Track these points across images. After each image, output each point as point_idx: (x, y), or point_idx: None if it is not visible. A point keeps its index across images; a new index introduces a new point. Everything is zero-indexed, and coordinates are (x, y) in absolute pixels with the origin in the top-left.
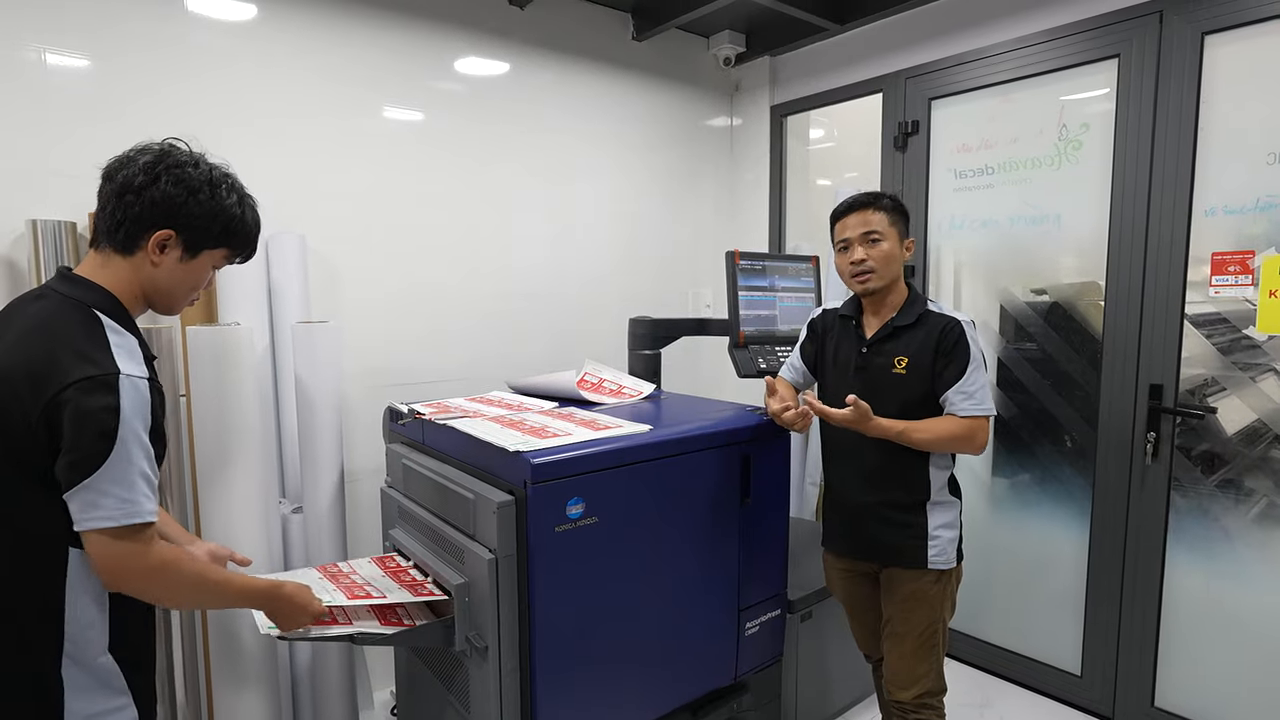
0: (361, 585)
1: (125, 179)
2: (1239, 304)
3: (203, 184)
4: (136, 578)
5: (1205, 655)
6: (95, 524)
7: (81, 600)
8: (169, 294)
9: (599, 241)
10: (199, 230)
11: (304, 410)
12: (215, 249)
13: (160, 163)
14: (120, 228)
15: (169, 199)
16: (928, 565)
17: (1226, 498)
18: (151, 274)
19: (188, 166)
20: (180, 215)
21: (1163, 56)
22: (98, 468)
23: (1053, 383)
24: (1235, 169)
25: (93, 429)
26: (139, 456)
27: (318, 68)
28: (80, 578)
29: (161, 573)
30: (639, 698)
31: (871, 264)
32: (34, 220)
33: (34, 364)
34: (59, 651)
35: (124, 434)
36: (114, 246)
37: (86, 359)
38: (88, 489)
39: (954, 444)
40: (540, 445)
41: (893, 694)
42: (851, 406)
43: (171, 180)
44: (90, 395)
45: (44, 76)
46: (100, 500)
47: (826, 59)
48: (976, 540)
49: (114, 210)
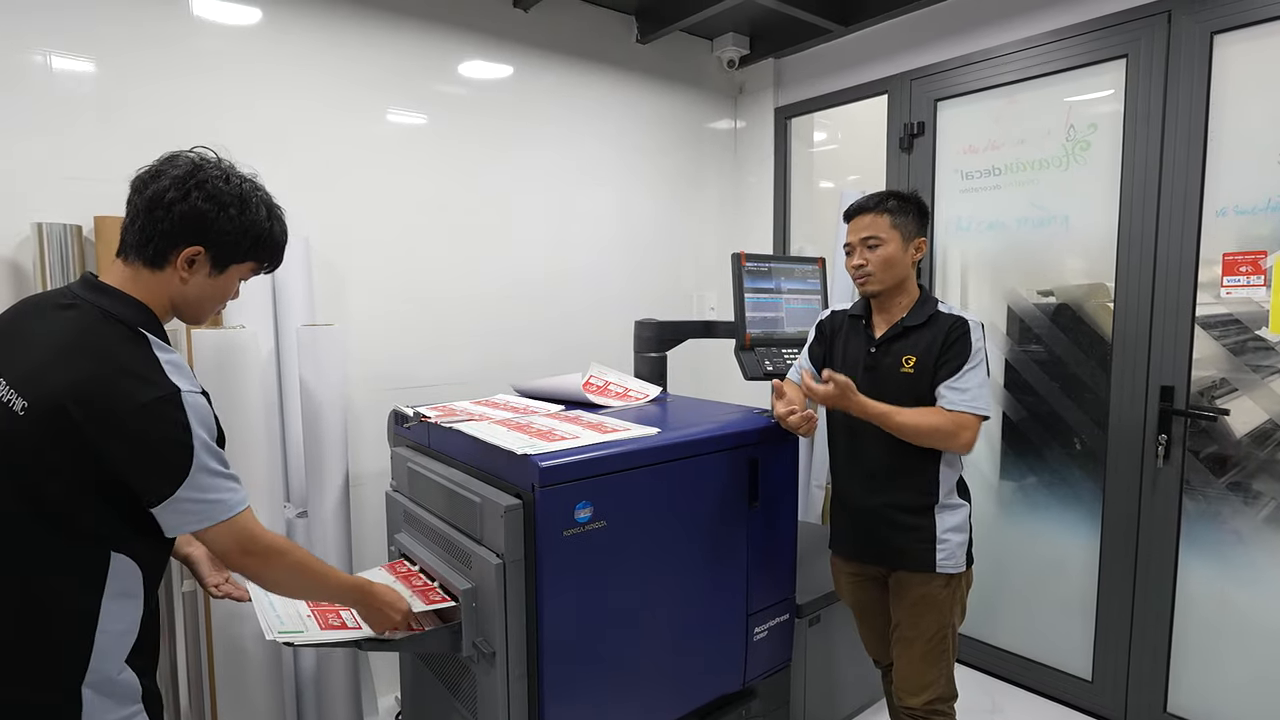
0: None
1: (155, 193)
2: (1250, 305)
3: (233, 199)
4: (244, 556)
5: (1218, 660)
6: (191, 528)
7: (117, 605)
8: (197, 307)
9: (603, 244)
10: (228, 246)
11: (309, 414)
12: (244, 263)
13: (192, 178)
14: (150, 243)
15: (200, 215)
16: (936, 569)
17: (1236, 500)
18: (181, 290)
19: (218, 181)
20: (210, 232)
21: (1171, 56)
22: (181, 482)
23: (1061, 385)
24: (1246, 169)
25: (169, 448)
26: (215, 462)
27: (322, 71)
28: (119, 581)
29: (279, 556)
30: (647, 704)
31: (870, 269)
32: (40, 223)
33: (87, 388)
34: (85, 668)
35: (198, 446)
36: (143, 260)
37: (146, 381)
38: (174, 502)
39: (937, 436)
40: (548, 448)
41: (902, 700)
42: (830, 382)
43: (203, 196)
44: (161, 417)
45: (50, 80)
46: (186, 508)
47: (831, 61)
48: (985, 544)
49: (144, 225)
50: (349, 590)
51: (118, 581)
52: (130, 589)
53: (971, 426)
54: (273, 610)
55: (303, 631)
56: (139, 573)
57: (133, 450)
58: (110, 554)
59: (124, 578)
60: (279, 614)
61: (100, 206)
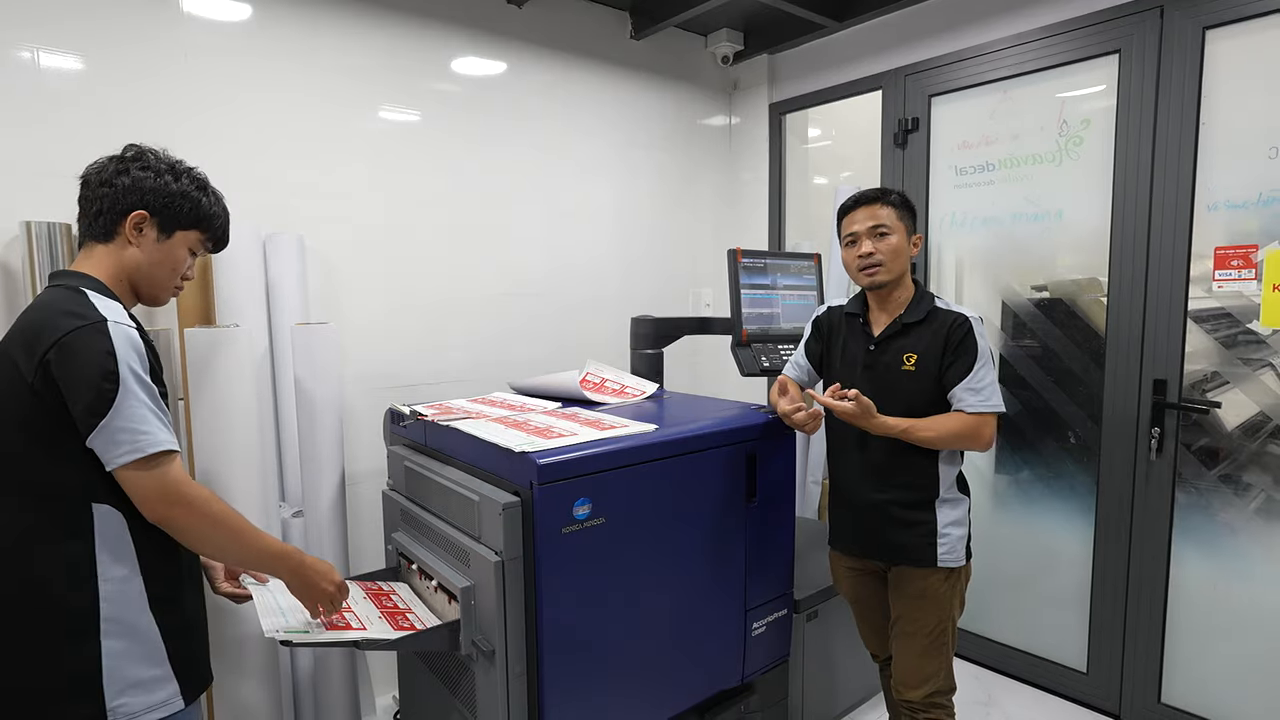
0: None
1: (99, 177)
2: (1241, 299)
3: (167, 168)
4: (167, 506)
5: (1212, 650)
6: (120, 460)
7: (111, 555)
8: (150, 276)
9: (598, 241)
10: (170, 210)
11: (304, 413)
12: (188, 230)
13: (125, 155)
14: (99, 217)
15: (138, 182)
16: (937, 563)
17: (1228, 491)
18: (133, 255)
19: (149, 156)
20: (150, 195)
21: (1164, 51)
22: (109, 406)
23: (1055, 379)
24: (1237, 163)
25: (95, 372)
26: (143, 393)
27: (314, 68)
28: (108, 534)
29: (193, 503)
30: (646, 700)
31: (879, 257)
32: (28, 222)
33: (27, 332)
34: (96, 615)
35: (124, 373)
36: (94, 237)
37: (74, 314)
38: (105, 429)
39: (960, 441)
40: (546, 445)
41: (902, 694)
42: (854, 400)
43: (139, 166)
44: (84, 341)
45: (37, 77)
46: (118, 437)
47: (825, 56)
48: (981, 537)
49: (90, 203)
50: (276, 556)
51: (107, 532)
52: (121, 537)
53: (991, 425)
54: (279, 610)
55: (306, 633)
56: (124, 520)
57: (62, 380)
58: (91, 505)
59: (111, 527)
60: (285, 614)
61: None
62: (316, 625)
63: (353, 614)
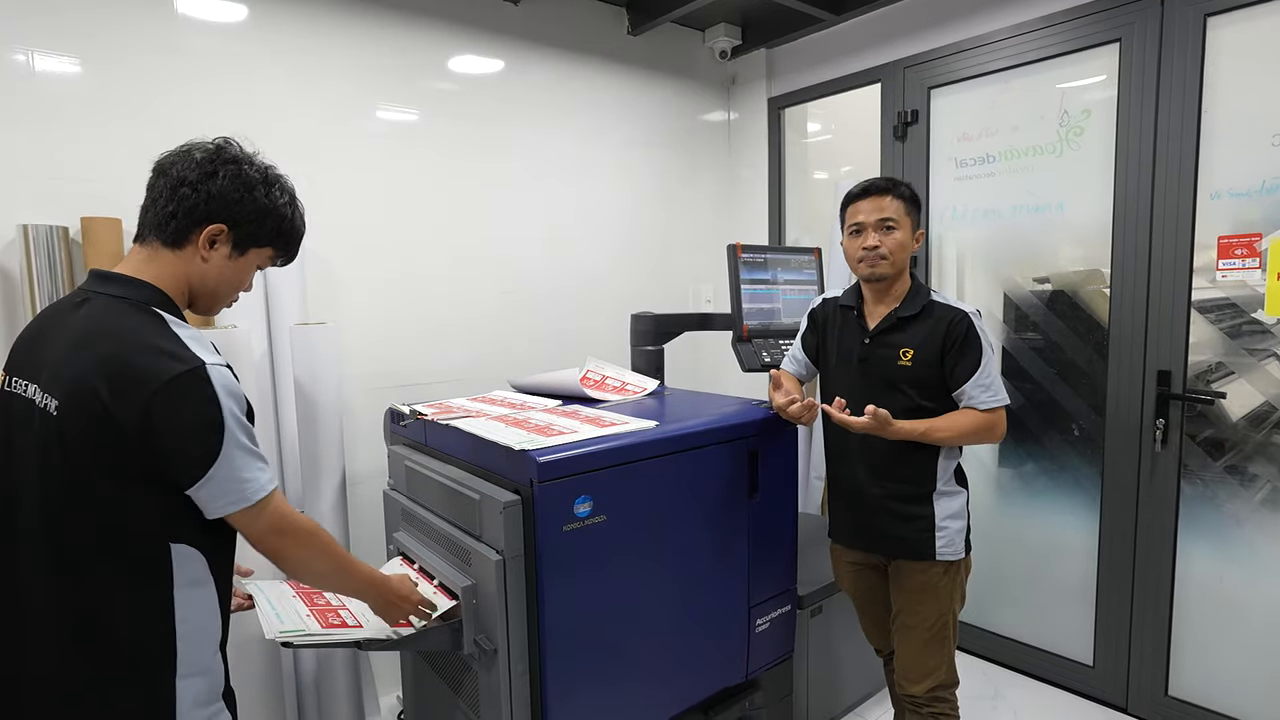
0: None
1: (181, 172)
2: (1245, 288)
3: (258, 181)
4: (278, 537)
5: (1218, 643)
6: (225, 511)
7: (190, 594)
8: (214, 292)
9: (597, 238)
10: (251, 227)
11: (304, 413)
12: (263, 248)
13: (217, 157)
14: (172, 220)
15: (225, 194)
16: (936, 557)
17: (1234, 482)
18: (200, 269)
19: (243, 163)
20: (234, 211)
21: (1164, 40)
22: (215, 459)
23: (1058, 371)
24: (1240, 152)
25: (201, 423)
26: (245, 438)
27: (309, 68)
28: (185, 574)
29: (311, 536)
30: (650, 698)
31: (884, 251)
32: (25, 225)
33: (111, 365)
34: (174, 660)
35: (228, 422)
36: (162, 240)
37: (166, 354)
38: (210, 481)
39: (979, 436)
40: (546, 443)
41: (904, 688)
42: (870, 415)
43: (229, 175)
44: (186, 389)
45: (33, 80)
46: (224, 488)
47: (824, 50)
48: (985, 531)
49: (167, 202)
50: (374, 585)
51: (185, 571)
52: (199, 577)
53: (1004, 418)
54: (271, 610)
55: (303, 630)
56: (204, 559)
57: (164, 430)
58: (170, 546)
59: (190, 567)
60: (278, 613)
61: (87, 207)
62: (310, 619)
63: (348, 611)
